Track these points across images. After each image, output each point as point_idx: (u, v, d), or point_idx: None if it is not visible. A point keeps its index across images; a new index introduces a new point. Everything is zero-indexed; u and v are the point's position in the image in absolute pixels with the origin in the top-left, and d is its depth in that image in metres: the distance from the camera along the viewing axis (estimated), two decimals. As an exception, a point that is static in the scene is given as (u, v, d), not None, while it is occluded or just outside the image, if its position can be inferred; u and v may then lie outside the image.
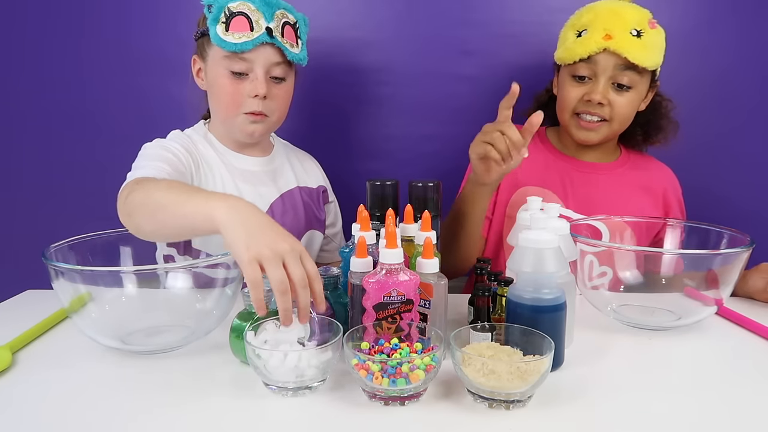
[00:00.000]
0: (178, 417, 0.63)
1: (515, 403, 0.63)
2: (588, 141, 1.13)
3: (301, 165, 1.22)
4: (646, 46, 1.03)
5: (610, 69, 1.05)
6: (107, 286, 0.78)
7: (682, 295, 0.87)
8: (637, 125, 1.16)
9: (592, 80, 1.07)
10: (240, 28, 0.99)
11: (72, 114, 1.44)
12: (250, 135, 1.07)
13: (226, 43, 0.99)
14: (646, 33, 1.03)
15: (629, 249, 0.91)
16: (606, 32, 1.03)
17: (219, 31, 0.99)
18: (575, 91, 1.09)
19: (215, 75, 1.04)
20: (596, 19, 1.05)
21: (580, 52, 1.05)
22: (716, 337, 0.85)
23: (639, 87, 1.08)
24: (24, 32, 1.41)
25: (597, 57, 1.04)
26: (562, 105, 1.13)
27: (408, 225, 0.80)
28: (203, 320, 0.81)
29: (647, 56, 1.04)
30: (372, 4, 1.37)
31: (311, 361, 0.65)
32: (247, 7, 0.99)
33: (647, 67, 1.04)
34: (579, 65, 1.07)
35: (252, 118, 1.05)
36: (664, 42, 1.08)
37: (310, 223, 1.18)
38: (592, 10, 1.08)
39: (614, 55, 1.03)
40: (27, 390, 0.69)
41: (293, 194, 1.17)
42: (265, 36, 1.00)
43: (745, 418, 0.63)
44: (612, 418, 0.62)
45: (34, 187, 1.49)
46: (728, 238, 0.90)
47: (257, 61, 1.02)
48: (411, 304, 0.69)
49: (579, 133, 1.12)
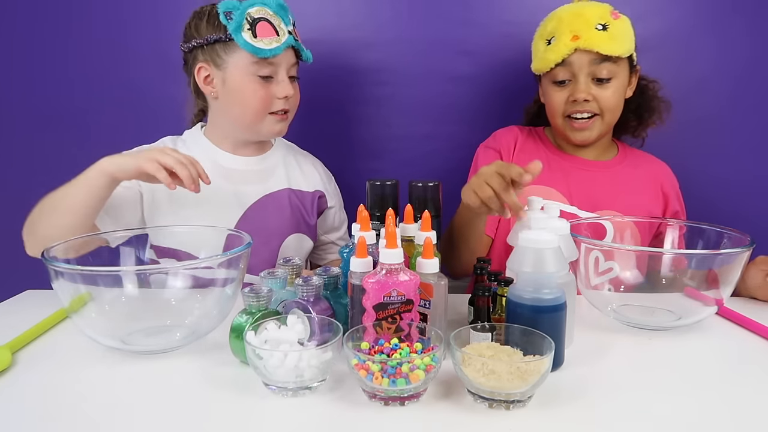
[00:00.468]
0: (178, 417, 0.63)
1: (515, 403, 0.63)
2: (585, 140, 1.15)
3: (298, 167, 1.22)
4: (613, 36, 1.07)
5: (585, 66, 1.08)
6: (107, 286, 0.78)
7: (682, 295, 0.87)
8: (629, 112, 1.18)
9: (573, 81, 1.11)
10: (267, 33, 1.02)
11: (72, 114, 1.44)
12: (278, 133, 1.13)
13: (258, 49, 1.02)
14: (610, 25, 1.07)
15: (631, 249, 0.91)
16: (573, 33, 1.07)
17: (247, 37, 1.01)
18: (559, 95, 1.13)
19: (241, 81, 1.06)
20: (561, 23, 1.10)
21: (554, 58, 1.09)
22: (716, 337, 0.85)
23: (619, 76, 1.11)
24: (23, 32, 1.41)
25: (570, 59, 1.08)
26: (551, 111, 1.16)
27: (408, 225, 0.80)
28: (203, 320, 0.81)
29: (617, 46, 1.07)
30: (372, 5, 1.37)
31: (311, 361, 0.65)
32: (266, 12, 1.03)
33: (620, 55, 1.08)
34: (556, 71, 1.11)
35: (279, 118, 1.10)
36: (630, 28, 1.11)
37: (297, 226, 1.18)
38: (555, 16, 1.13)
39: (586, 53, 1.07)
40: (27, 390, 0.69)
41: (281, 195, 1.16)
42: (291, 39, 1.05)
43: (746, 418, 0.63)
44: (612, 418, 0.62)
45: (35, 187, 1.49)
46: (728, 238, 0.90)
47: (282, 64, 1.06)
48: (411, 304, 0.69)
49: (575, 135, 1.14)
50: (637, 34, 1.22)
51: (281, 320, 0.72)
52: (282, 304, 0.79)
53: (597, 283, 0.88)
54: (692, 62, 1.33)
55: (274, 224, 1.14)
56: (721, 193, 1.37)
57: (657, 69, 1.32)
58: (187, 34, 1.08)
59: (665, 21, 1.32)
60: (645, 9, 1.32)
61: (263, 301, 0.74)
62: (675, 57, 1.33)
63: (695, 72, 1.34)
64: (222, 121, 1.14)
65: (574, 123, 1.13)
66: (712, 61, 1.33)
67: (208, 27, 1.04)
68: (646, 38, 1.32)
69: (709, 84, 1.34)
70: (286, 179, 1.18)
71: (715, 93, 1.34)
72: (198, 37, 1.06)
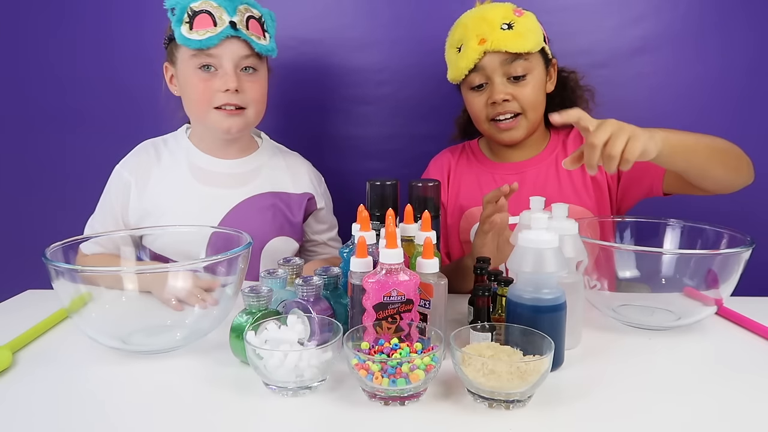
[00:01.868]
0: (179, 417, 0.63)
1: (515, 403, 0.63)
2: (514, 140, 1.13)
3: (287, 169, 1.20)
4: (519, 33, 1.06)
5: (498, 67, 1.07)
6: (107, 286, 0.78)
7: (681, 295, 0.87)
8: (554, 106, 1.14)
9: (489, 84, 1.10)
10: (203, 25, 1.00)
11: (71, 114, 1.44)
12: (227, 131, 1.08)
13: (190, 41, 1.00)
14: (515, 22, 1.06)
15: (629, 249, 0.91)
16: (479, 37, 1.06)
17: (183, 31, 1.00)
18: (478, 100, 1.12)
19: (185, 75, 1.05)
20: (466, 29, 1.09)
21: (465, 64, 1.08)
22: (716, 337, 0.85)
23: (535, 71, 1.09)
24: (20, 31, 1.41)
25: (482, 62, 1.07)
26: (475, 118, 1.15)
27: (408, 225, 0.80)
28: (203, 320, 0.81)
29: (524, 42, 1.06)
30: (372, 5, 1.37)
31: (311, 361, 0.65)
32: (209, 4, 1.00)
33: (529, 50, 1.06)
34: (471, 77, 1.10)
35: (226, 113, 1.06)
36: (536, 23, 1.10)
37: (279, 229, 1.16)
38: (461, 23, 1.12)
39: (495, 54, 1.06)
40: (27, 390, 0.69)
41: (263, 198, 1.15)
42: (229, 29, 1.01)
43: (746, 418, 0.63)
44: (612, 418, 0.62)
45: (35, 187, 1.49)
46: (728, 238, 0.90)
47: (224, 56, 1.03)
48: (411, 304, 0.69)
49: (502, 136, 1.13)
50: (638, 34, 1.22)
51: (281, 320, 0.72)
52: (282, 304, 0.79)
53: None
54: (692, 62, 1.33)
55: (255, 228, 1.07)
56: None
57: (657, 69, 1.33)
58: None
59: (666, 21, 1.32)
60: (646, 9, 1.32)
61: (263, 301, 0.74)
62: (675, 57, 1.33)
63: (696, 72, 1.34)
64: (192, 120, 1.14)
65: (499, 125, 1.11)
66: (712, 61, 1.33)
67: (169, 27, 1.05)
68: (646, 38, 1.32)
69: (710, 84, 1.34)
70: (269, 182, 1.17)
71: (716, 93, 1.34)
72: (164, 37, 1.08)
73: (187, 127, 1.18)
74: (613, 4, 1.31)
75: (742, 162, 0.98)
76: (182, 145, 1.15)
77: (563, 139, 1.20)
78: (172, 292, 0.82)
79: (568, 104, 1.14)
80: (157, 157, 1.14)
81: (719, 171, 0.96)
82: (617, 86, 1.34)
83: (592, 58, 1.33)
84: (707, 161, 0.93)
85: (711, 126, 1.34)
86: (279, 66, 1.14)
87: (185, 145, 1.15)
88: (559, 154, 1.17)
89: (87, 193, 1.15)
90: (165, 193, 1.11)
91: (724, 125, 1.35)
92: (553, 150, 1.19)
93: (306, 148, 1.30)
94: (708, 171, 0.95)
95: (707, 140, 0.94)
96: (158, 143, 1.17)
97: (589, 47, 1.33)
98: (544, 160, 1.18)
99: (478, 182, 1.20)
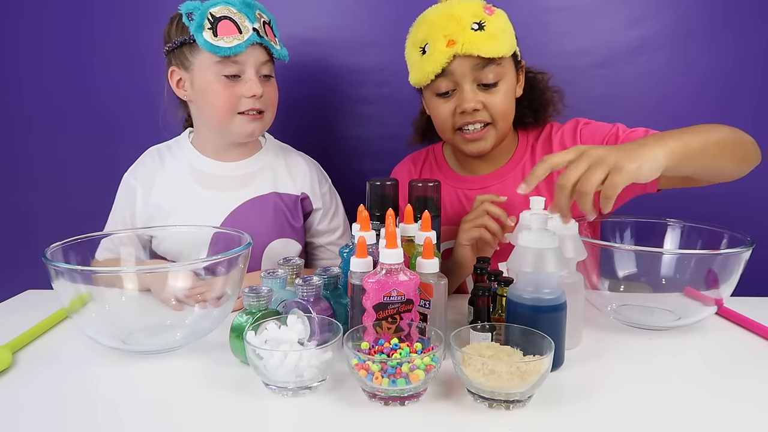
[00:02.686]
0: (179, 417, 0.63)
1: (515, 403, 0.63)
2: (481, 151, 1.03)
3: (287, 171, 1.19)
4: (492, 35, 0.95)
5: (468, 73, 0.96)
6: (107, 286, 0.78)
7: (681, 295, 0.87)
8: (523, 108, 1.08)
9: (457, 90, 0.99)
10: (228, 31, 1.00)
11: (71, 114, 1.44)
12: (250, 135, 1.09)
13: (218, 48, 1.00)
14: (487, 22, 0.95)
15: (629, 249, 0.91)
16: (447, 38, 0.94)
17: (207, 37, 1.00)
18: (444, 108, 1.01)
19: (206, 81, 1.04)
20: (432, 28, 0.97)
21: (432, 68, 0.96)
22: (716, 337, 0.85)
23: (506, 77, 0.99)
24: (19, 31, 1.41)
25: (450, 67, 0.96)
26: (440, 127, 1.05)
27: (408, 225, 0.80)
28: (203, 320, 0.81)
29: (498, 45, 0.95)
30: (372, 5, 1.37)
31: (311, 361, 0.65)
32: (229, 10, 1.01)
33: (503, 55, 0.96)
34: (437, 82, 0.98)
35: (250, 118, 1.07)
36: (508, 22, 1.00)
37: (281, 231, 1.15)
38: (425, 20, 1.00)
39: (466, 58, 0.95)
40: (27, 390, 0.69)
41: (265, 200, 1.14)
42: (255, 36, 1.02)
43: (746, 418, 0.63)
44: (612, 418, 0.62)
45: (35, 188, 1.49)
46: (728, 238, 0.90)
47: (248, 62, 1.04)
48: (411, 304, 0.69)
49: (469, 147, 1.03)
50: (638, 34, 1.21)
51: (281, 320, 0.72)
52: (282, 304, 0.79)
53: None
54: (692, 62, 1.33)
55: (256, 229, 1.07)
56: (720, 193, 1.37)
57: (657, 69, 1.33)
58: (164, 39, 1.08)
59: (665, 21, 1.32)
60: (646, 9, 1.32)
61: (263, 301, 0.74)
62: (675, 57, 1.33)
63: (695, 72, 1.34)
64: (200, 125, 1.14)
65: (465, 135, 1.01)
66: (712, 61, 1.33)
67: (176, 30, 1.04)
68: (646, 38, 1.32)
69: (709, 84, 1.34)
70: (272, 183, 1.16)
71: (716, 93, 1.34)
72: (169, 41, 1.06)
73: (189, 131, 1.18)
74: (613, 4, 1.31)
75: (749, 147, 0.88)
76: (185, 149, 1.16)
77: (532, 143, 1.11)
78: (172, 292, 0.82)
79: (538, 107, 1.09)
80: (161, 162, 1.15)
81: (729, 166, 0.87)
82: (617, 86, 1.34)
83: (592, 58, 1.33)
84: (717, 160, 0.83)
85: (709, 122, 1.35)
86: (279, 66, 1.14)
87: (188, 149, 1.15)
88: (527, 164, 1.08)
89: (87, 193, 1.15)
90: (167, 197, 1.12)
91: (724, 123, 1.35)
92: (520, 160, 1.10)
93: (306, 148, 1.30)
94: (719, 170, 0.86)
95: (714, 135, 0.83)
96: (162, 149, 1.17)
97: (589, 47, 1.33)
98: (509, 172, 1.09)
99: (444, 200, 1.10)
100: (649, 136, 0.74)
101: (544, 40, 1.11)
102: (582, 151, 0.69)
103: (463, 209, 1.10)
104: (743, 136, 0.88)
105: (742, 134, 0.88)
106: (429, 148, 1.21)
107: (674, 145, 0.74)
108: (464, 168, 1.14)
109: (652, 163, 0.71)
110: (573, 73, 1.16)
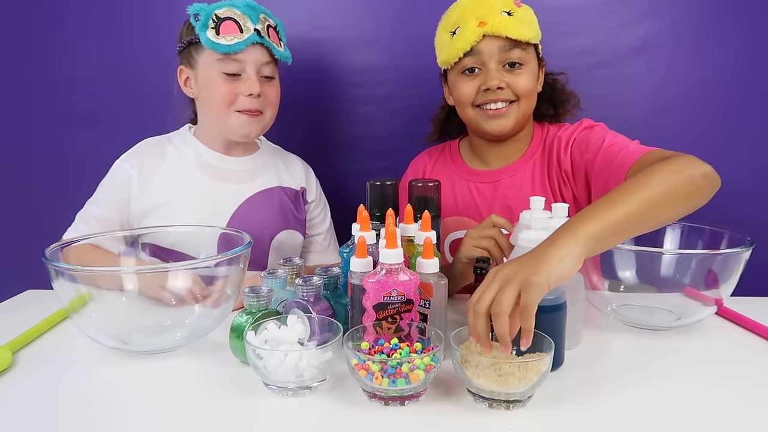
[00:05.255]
0: (179, 417, 0.63)
1: (515, 403, 0.63)
2: (502, 129, 1.05)
3: (285, 167, 1.24)
4: (520, 21, 1.02)
5: (495, 52, 1.02)
6: (107, 286, 0.78)
7: (682, 295, 0.87)
8: (543, 102, 1.12)
9: (482, 70, 1.03)
10: (230, 31, 1.04)
11: (71, 114, 1.44)
12: (245, 136, 1.12)
13: (219, 45, 1.03)
14: (515, 12, 1.02)
15: (629, 249, 0.91)
16: (479, 20, 1.01)
17: (210, 35, 1.03)
18: (469, 85, 1.04)
19: (208, 78, 1.07)
20: (465, 12, 1.03)
21: (461, 46, 1.02)
22: (716, 337, 0.85)
23: (530, 64, 1.05)
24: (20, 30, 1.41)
25: (479, 46, 1.01)
26: (461, 103, 1.07)
27: (408, 225, 0.80)
28: (203, 320, 0.81)
29: (525, 31, 1.02)
30: (372, 5, 1.37)
31: (311, 361, 0.65)
32: (233, 12, 1.05)
33: (529, 40, 1.02)
34: (465, 60, 1.03)
35: (247, 118, 1.09)
36: (534, 17, 1.06)
37: (287, 222, 1.20)
38: (458, 6, 1.07)
39: (495, 38, 1.01)
40: (27, 390, 0.69)
41: (272, 193, 1.19)
42: (255, 36, 1.05)
43: (746, 418, 0.63)
44: (612, 418, 0.62)
45: (35, 188, 1.49)
46: (728, 238, 0.90)
47: (249, 61, 1.06)
48: (411, 304, 0.69)
49: (490, 124, 1.05)
50: (638, 34, 1.22)
51: (281, 320, 0.72)
52: (282, 304, 0.79)
53: None
54: (691, 62, 1.33)
55: (265, 221, 1.15)
56: (720, 193, 1.37)
57: (656, 69, 1.33)
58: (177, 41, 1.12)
59: (664, 21, 1.32)
60: (644, 9, 1.32)
61: (263, 301, 0.74)
62: (674, 57, 1.33)
63: (694, 72, 1.34)
64: (206, 121, 1.15)
65: (487, 112, 1.04)
66: (710, 61, 1.33)
67: (186, 31, 1.09)
68: (645, 38, 1.32)
69: (710, 83, 1.34)
70: (276, 178, 1.20)
71: (716, 92, 1.34)
72: (180, 41, 1.10)
73: (189, 126, 1.20)
74: (613, 4, 1.31)
75: (694, 183, 0.78)
76: (189, 142, 1.16)
77: (544, 140, 1.12)
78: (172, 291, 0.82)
79: (557, 102, 1.14)
80: (162, 153, 1.15)
81: (671, 215, 0.77)
82: (616, 86, 1.34)
83: (592, 58, 1.33)
84: (650, 218, 0.74)
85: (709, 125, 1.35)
86: (279, 66, 1.14)
87: (192, 142, 1.16)
88: (537, 160, 1.11)
89: (88, 193, 1.15)
90: (174, 188, 1.12)
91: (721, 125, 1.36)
92: (532, 156, 1.12)
93: (306, 148, 1.30)
94: (659, 223, 0.77)
95: (639, 195, 0.73)
96: (163, 140, 1.18)
97: (589, 47, 1.33)
98: (520, 167, 1.11)
99: (452, 187, 1.16)
100: (561, 228, 0.68)
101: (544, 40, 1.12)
102: (494, 274, 0.65)
103: (474, 202, 1.14)
104: (685, 172, 0.77)
105: (685, 170, 0.78)
106: (446, 144, 1.23)
107: (591, 229, 0.67)
108: (477, 162, 1.17)
109: (563, 263, 0.64)
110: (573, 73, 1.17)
